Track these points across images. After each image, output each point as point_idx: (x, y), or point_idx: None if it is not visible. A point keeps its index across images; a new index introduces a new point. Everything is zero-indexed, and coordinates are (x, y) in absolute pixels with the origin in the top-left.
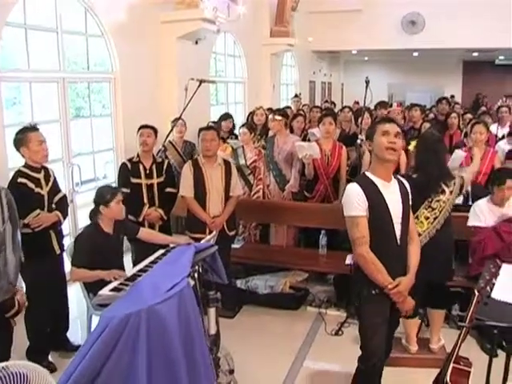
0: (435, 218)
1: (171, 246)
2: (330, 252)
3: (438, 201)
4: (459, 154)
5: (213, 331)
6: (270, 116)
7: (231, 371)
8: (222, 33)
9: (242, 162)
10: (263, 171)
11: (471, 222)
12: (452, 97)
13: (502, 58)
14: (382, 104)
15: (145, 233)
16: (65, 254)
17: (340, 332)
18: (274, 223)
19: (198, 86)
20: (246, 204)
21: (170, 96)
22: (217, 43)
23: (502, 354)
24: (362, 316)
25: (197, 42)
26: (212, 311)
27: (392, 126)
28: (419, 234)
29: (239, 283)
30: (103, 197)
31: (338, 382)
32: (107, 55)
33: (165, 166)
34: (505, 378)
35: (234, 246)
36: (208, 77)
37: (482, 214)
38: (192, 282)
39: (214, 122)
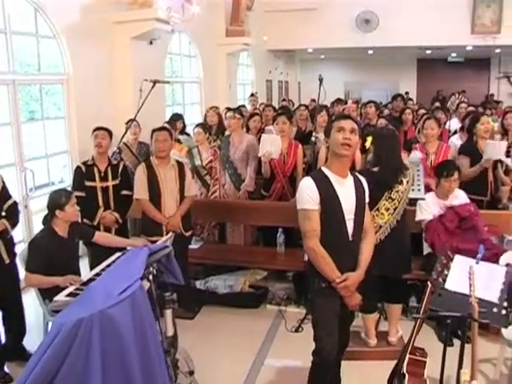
0: (395, 209)
1: (128, 248)
2: (288, 249)
3: (397, 191)
4: (417, 156)
5: (170, 333)
6: (230, 114)
7: (191, 372)
8: (177, 33)
9: (197, 162)
10: (219, 171)
11: (418, 217)
12: (406, 93)
13: (454, 55)
14: (338, 101)
15: (100, 236)
16: (18, 261)
17: (300, 329)
18: (232, 222)
19: (152, 87)
20: (202, 204)
21: (125, 97)
22: (172, 43)
23: (458, 343)
24: (314, 308)
25: (151, 43)
26: (168, 313)
27: (347, 122)
28: (380, 226)
29: (198, 284)
30: (58, 200)
31: (299, 379)
32: (60, 56)
33: (120, 169)
34: (460, 366)
35: (192, 246)
36: (163, 77)
37: (429, 208)
38: (147, 284)
39: (167, 123)
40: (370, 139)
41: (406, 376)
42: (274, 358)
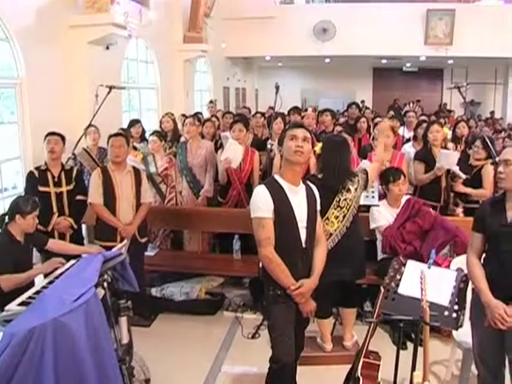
0: (344, 216)
1: (83, 256)
2: (245, 256)
3: (345, 199)
4: (366, 165)
5: (125, 340)
6: (189, 120)
7: (147, 380)
8: (134, 38)
9: (152, 170)
10: (176, 178)
11: (372, 225)
12: (362, 102)
13: (408, 65)
14: (295, 109)
15: (54, 244)
16: None
17: (257, 335)
18: (188, 229)
19: (108, 93)
20: (158, 211)
21: (81, 102)
22: (129, 49)
23: (411, 346)
24: (269, 316)
25: (108, 48)
26: (123, 320)
27: (300, 130)
28: (330, 234)
29: (154, 291)
30: (23, 206)
31: None
32: (12, 60)
33: (74, 174)
34: (413, 368)
35: (148, 253)
36: (120, 83)
37: (381, 214)
38: (102, 292)
39: (122, 129)
40: (319, 145)
41: (361, 379)
42: (230, 365)
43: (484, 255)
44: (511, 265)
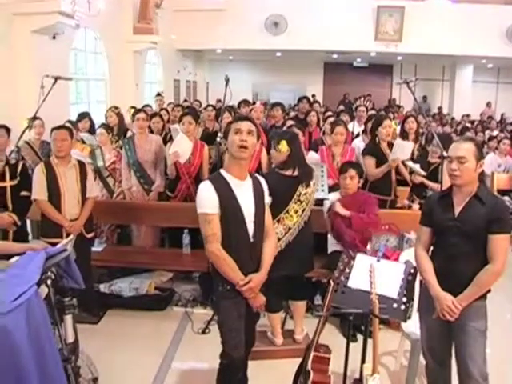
0: (303, 211)
1: (28, 253)
2: (194, 250)
3: (305, 194)
4: (314, 157)
5: (70, 339)
6: (141, 115)
7: (95, 379)
8: (82, 28)
9: (100, 163)
10: (123, 174)
11: (325, 214)
12: (313, 96)
13: (359, 60)
14: (244, 102)
15: None
16: None
17: (207, 330)
18: (136, 224)
19: (54, 84)
20: (105, 205)
21: (26, 94)
22: (77, 39)
23: (362, 338)
24: (219, 311)
25: (54, 37)
26: (68, 318)
27: (245, 123)
28: (289, 228)
29: (103, 287)
30: None
31: (206, 381)
32: None
33: (19, 168)
34: (363, 360)
35: (95, 249)
36: (67, 74)
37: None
38: (45, 290)
39: (70, 122)
40: (284, 142)
41: (311, 373)
42: (181, 361)
43: (432, 248)
44: (459, 258)
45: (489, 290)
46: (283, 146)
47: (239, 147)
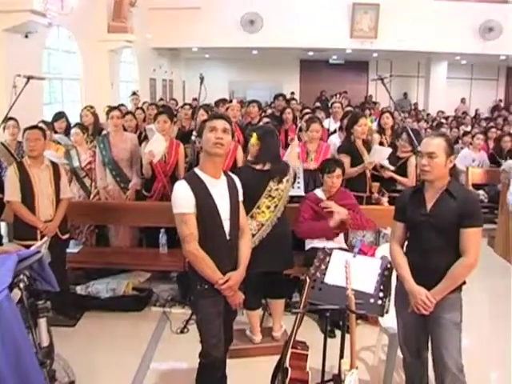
0: (276, 206)
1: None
2: (171, 250)
3: (276, 189)
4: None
5: (45, 343)
6: (116, 113)
7: (71, 382)
8: (56, 27)
9: (75, 164)
10: (98, 173)
11: None
12: (292, 93)
13: (335, 57)
14: (221, 101)
15: None
16: None
17: (186, 329)
18: (113, 224)
19: (26, 83)
20: (82, 206)
21: None
22: (50, 38)
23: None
24: (198, 310)
25: (27, 36)
26: (42, 322)
27: (220, 121)
28: (262, 224)
29: (79, 289)
30: None
31: (186, 380)
32: None
33: None
34: (341, 356)
35: (71, 250)
36: (40, 73)
37: None
38: (18, 293)
39: (44, 122)
40: (254, 135)
41: (289, 370)
42: (159, 361)
43: (406, 243)
44: (432, 252)
45: (464, 282)
46: (253, 139)
47: (215, 144)
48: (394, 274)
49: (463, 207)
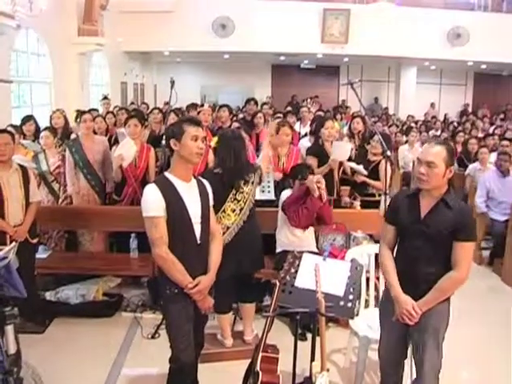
0: (241, 210)
1: None
2: (142, 255)
3: (241, 192)
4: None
5: (12, 350)
6: (88, 116)
7: None
8: (24, 29)
9: (44, 168)
10: (70, 178)
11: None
12: (269, 97)
13: (306, 62)
14: (192, 105)
15: None
16: None
17: (157, 335)
18: (83, 229)
19: None
20: (51, 211)
21: None
22: (18, 40)
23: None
24: (167, 315)
25: None
26: (10, 329)
27: (200, 130)
28: (228, 227)
29: (49, 295)
30: None
31: None
32: None
33: None
34: (312, 358)
35: (40, 255)
36: (8, 76)
37: None
38: None
39: (12, 126)
40: (215, 140)
41: (260, 373)
42: (130, 367)
43: (396, 248)
44: (420, 261)
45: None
46: (213, 143)
47: (197, 154)
48: (364, 276)
49: (458, 220)
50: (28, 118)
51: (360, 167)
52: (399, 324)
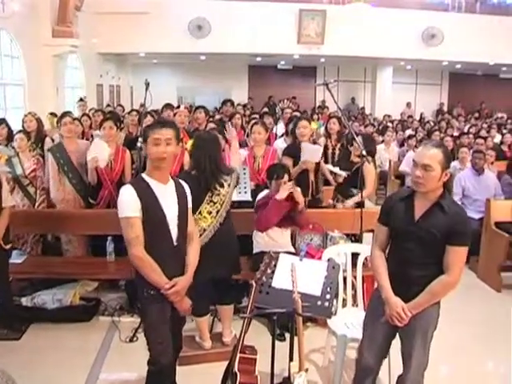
0: (218, 212)
1: None
2: (119, 258)
3: (218, 195)
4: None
5: None
6: (68, 119)
7: None
8: None
9: (18, 171)
10: (54, 184)
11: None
12: (250, 99)
13: (283, 63)
14: (167, 106)
15: None
16: None
17: (135, 338)
18: (59, 233)
19: None
20: (25, 215)
21: None
22: None
23: None
24: (145, 318)
25: None
26: None
27: (164, 132)
28: (204, 230)
29: (25, 300)
30: None
31: None
32: None
33: None
34: (290, 358)
35: (14, 260)
36: None
37: None
38: None
39: None
40: (190, 142)
41: (238, 374)
42: (108, 372)
43: (388, 249)
44: (412, 264)
45: None
46: (188, 146)
47: (158, 159)
48: (341, 275)
49: (453, 224)
50: (0, 122)
51: (337, 169)
52: (387, 324)
